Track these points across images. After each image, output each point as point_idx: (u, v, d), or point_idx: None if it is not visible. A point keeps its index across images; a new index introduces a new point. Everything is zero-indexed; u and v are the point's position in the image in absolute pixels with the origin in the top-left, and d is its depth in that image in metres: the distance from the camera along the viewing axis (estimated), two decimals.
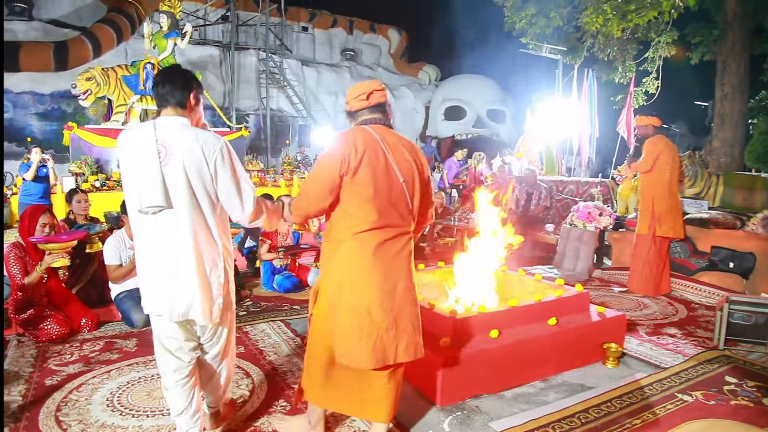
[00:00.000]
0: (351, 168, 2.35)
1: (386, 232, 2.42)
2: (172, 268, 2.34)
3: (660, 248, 5.64)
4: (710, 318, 4.84)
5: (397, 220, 2.45)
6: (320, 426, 2.71)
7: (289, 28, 21.08)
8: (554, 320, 3.66)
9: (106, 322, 4.55)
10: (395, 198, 2.43)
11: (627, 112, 9.73)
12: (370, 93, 2.54)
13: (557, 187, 8.80)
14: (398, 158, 2.45)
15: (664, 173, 5.55)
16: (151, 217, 2.30)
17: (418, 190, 2.51)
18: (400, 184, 2.43)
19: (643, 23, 9.26)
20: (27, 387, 3.29)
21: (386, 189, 2.40)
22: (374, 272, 2.41)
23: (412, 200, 2.49)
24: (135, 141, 2.31)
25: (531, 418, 2.95)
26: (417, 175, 2.51)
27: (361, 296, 2.41)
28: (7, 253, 4.09)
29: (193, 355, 2.49)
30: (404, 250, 2.50)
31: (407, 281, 2.50)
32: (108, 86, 11.73)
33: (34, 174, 7.70)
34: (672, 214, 5.61)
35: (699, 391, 3.33)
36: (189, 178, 2.30)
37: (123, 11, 14.35)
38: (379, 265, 2.41)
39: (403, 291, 2.48)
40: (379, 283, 2.41)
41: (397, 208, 2.44)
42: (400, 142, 2.52)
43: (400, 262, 2.47)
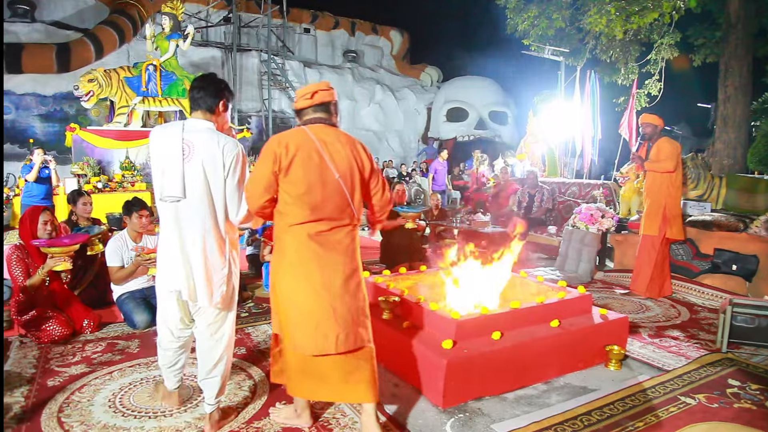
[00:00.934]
0: (283, 167, 2.50)
1: (321, 224, 2.56)
2: (183, 252, 2.63)
3: (665, 250, 5.64)
4: (713, 321, 4.83)
5: (335, 213, 2.58)
6: (306, 414, 2.85)
7: (291, 30, 21.14)
8: (557, 322, 3.65)
9: (108, 323, 4.55)
10: (331, 193, 2.56)
11: (629, 113, 9.70)
12: (315, 92, 2.67)
13: (559, 188, 8.79)
14: (334, 156, 2.58)
15: (679, 175, 5.53)
16: (171, 205, 2.61)
17: (358, 184, 2.65)
18: (335, 180, 2.56)
19: (645, 25, 9.26)
20: (29, 388, 3.29)
21: (320, 185, 2.53)
22: (309, 263, 2.55)
23: (351, 194, 2.61)
24: (165, 137, 2.63)
25: (533, 420, 2.95)
26: (356, 171, 2.64)
27: (298, 287, 2.57)
28: (9, 255, 4.10)
29: (185, 333, 2.84)
30: (343, 242, 2.62)
31: (347, 272, 2.61)
32: (110, 88, 11.75)
33: (36, 175, 7.72)
34: (680, 216, 5.62)
35: (702, 394, 3.32)
36: (206, 176, 2.60)
37: (125, 13, 14.42)
38: (314, 257, 2.55)
39: (342, 282, 2.59)
40: (314, 273, 2.55)
41: (334, 203, 2.57)
42: (338, 140, 2.63)
43: (338, 253, 2.60)
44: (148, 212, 4.76)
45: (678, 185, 5.54)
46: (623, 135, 9.77)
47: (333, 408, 3.05)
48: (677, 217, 5.56)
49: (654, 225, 5.61)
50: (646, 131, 5.70)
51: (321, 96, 2.67)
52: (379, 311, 3.82)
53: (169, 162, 2.58)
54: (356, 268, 2.67)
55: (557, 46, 11.78)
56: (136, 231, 4.70)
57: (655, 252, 5.60)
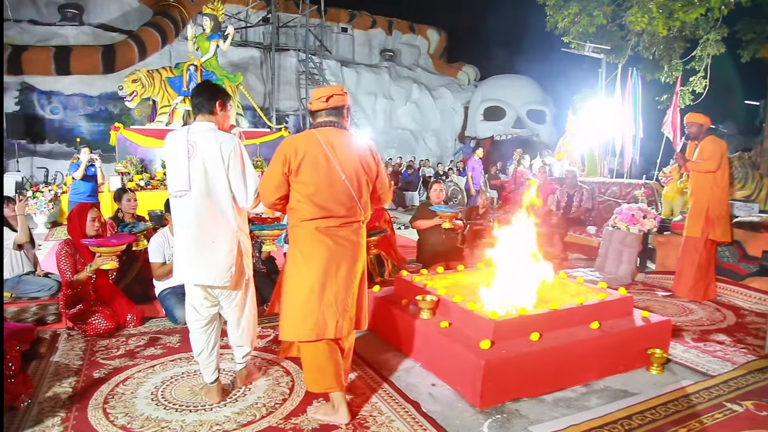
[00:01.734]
0: (292, 169, 2.75)
1: (329, 221, 2.79)
2: (194, 242, 2.93)
3: (710, 252, 5.48)
4: (761, 325, 4.67)
5: (341, 211, 2.80)
6: (343, 408, 2.90)
7: (329, 29, 21.26)
8: (597, 324, 3.58)
9: (150, 318, 4.67)
10: (337, 193, 2.78)
11: (673, 112, 9.44)
12: (330, 96, 2.89)
13: (599, 188, 8.63)
14: (341, 158, 2.79)
15: (725, 175, 5.37)
16: (181, 199, 2.93)
17: (365, 184, 2.87)
18: (342, 181, 2.78)
19: (690, 21, 8.98)
20: (77, 379, 3.40)
21: (327, 185, 2.76)
22: (317, 255, 2.79)
23: (358, 194, 2.84)
24: (174, 140, 2.99)
25: (572, 423, 2.90)
26: (363, 172, 2.86)
27: (306, 276, 2.79)
28: (58, 251, 4.25)
29: (210, 311, 3.10)
30: (350, 238, 2.85)
31: (351, 264, 2.85)
32: (153, 88, 12.01)
33: (83, 173, 7.97)
34: (725, 218, 5.45)
35: (749, 401, 3.21)
36: (207, 171, 2.91)
37: (167, 15, 14.72)
38: (322, 249, 2.79)
39: (346, 273, 2.83)
40: (321, 264, 2.78)
41: (340, 201, 2.80)
42: (346, 143, 2.84)
43: (344, 247, 2.82)
44: None
45: (723, 185, 5.38)
46: (666, 134, 9.52)
47: (369, 406, 3.07)
48: (721, 218, 5.40)
49: (697, 226, 5.47)
50: (692, 131, 5.55)
51: (335, 100, 2.89)
52: (418, 310, 3.82)
53: (177, 161, 2.92)
54: (361, 262, 2.92)
55: (598, 43, 11.52)
56: None
57: (698, 254, 5.46)
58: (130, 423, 2.86)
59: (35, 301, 5.07)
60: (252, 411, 3.00)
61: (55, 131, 14.98)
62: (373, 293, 4.47)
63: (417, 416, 2.95)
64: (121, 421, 2.88)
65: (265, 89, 18.58)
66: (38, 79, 14.27)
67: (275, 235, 5.17)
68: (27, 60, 12.68)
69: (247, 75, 17.24)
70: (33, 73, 13.47)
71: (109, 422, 2.86)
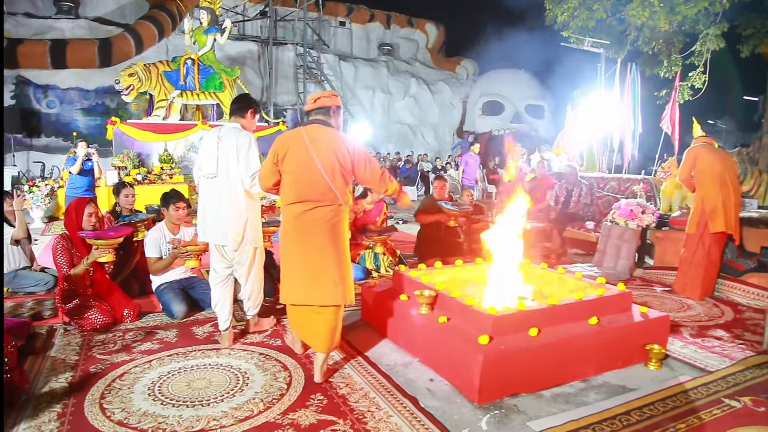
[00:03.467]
0: (279, 159, 3.28)
1: (306, 204, 3.24)
2: (215, 212, 3.79)
3: (709, 250, 5.42)
4: (759, 321, 4.67)
5: (316, 196, 3.23)
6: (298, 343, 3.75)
7: (327, 23, 21.18)
8: (595, 319, 3.58)
9: (147, 312, 4.64)
10: (314, 180, 3.21)
11: (671, 107, 9.43)
12: (318, 98, 3.41)
13: (598, 184, 8.62)
14: (319, 151, 3.21)
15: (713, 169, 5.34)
16: (210, 180, 3.80)
17: (339, 173, 3.25)
18: (318, 170, 3.20)
19: (692, 15, 8.95)
20: (73, 374, 3.38)
21: (305, 173, 3.22)
22: (296, 233, 3.28)
23: (332, 181, 3.22)
24: (210, 134, 3.88)
25: (571, 418, 2.89)
26: (338, 164, 3.24)
27: (288, 250, 3.33)
28: (54, 245, 4.22)
29: (225, 271, 3.94)
30: (324, 218, 3.24)
31: (325, 242, 3.24)
32: (149, 82, 11.96)
33: (80, 167, 7.92)
34: (720, 208, 5.31)
35: (747, 397, 3.21)
36: (228, 159, 3.75)
37: (164, 8, 14.66)
38: (300, 228, 3.26)
39: (321, 249, 3.24)
40: (299, 241, 3.27)
41: (317, 188, 3.22)
42: (325, 138, 3.27)
43: (318, 227, 3.24)
44: (185, 204, 4.83)
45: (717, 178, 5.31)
46: (665, 129, 9.51)
47: (368, 401, 3.06)
48: (716, 209, 5.31)
49: (692, 222, 5.49)
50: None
51: (322, 101, 3.38)
52: (416, 305, 3.81)
53: (209, 150, 3.80)
54: (339, 239, 3.30)
55: (597, 38, 11.50)
56: (174, 222, 4.78)
57: (692, 250, 5.44)
58: (126, 418, 2.84)
59: (31, 296, 5.04)
60: (249, 406, 2.98)
61: (51, 125, 14.92)
62: (371, 288, 4.46)
63: (415, 411, 2.94)
64: (117, 417, 2.86)
65: (263, 83, 18.52)
66: (34, 72, 14.20)
67: (269, 232, 5.19)
68: (22, 54, 12.62)
69: (245, 69, 17.17)
70: (29, 67, 13.40)
71: (105, 417, 2.85)
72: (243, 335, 4.13)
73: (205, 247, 4.51)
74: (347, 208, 3.36)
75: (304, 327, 3.41)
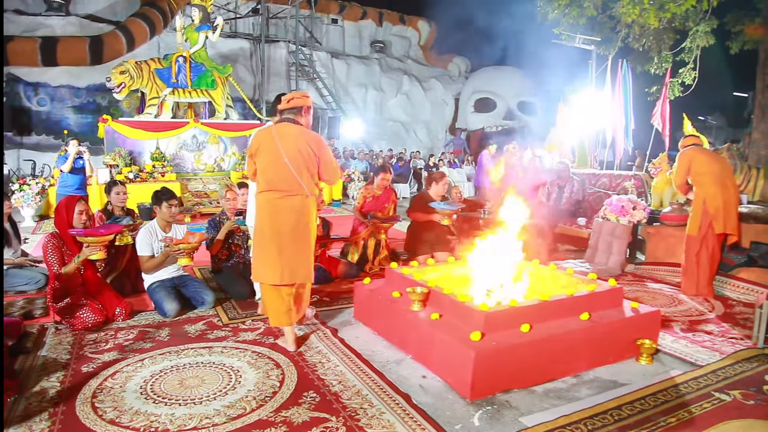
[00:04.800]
0: (253, 153, 3.76)
1: (274, 193, 3.65)
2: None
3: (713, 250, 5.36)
4: (749, 315, 4.71)
5: (284, 186, 3.64)
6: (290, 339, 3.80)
7: (319, 21, 21.14)
8: (587, 315, 3.59)
9: (139, 311, 4.63)
10: (281, 172, 3.63)
11: (662, 103, 9.46)
12: (291, 99, 3.80)
13: (589, 180, 8.65)
14: (287, 146, 3.63)
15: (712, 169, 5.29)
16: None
17: (304, 166, 3.67)
18: (285, 163, 3.61)
19: (681, 12, 8.98)
20: (65, 373, 3.37)
21: (273, 166, 3.65)
22: (267, 218, 3.68)
23: (298, 173, 3.64)
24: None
25: (562, 414, 2.91)
26: (302, 158, 3.66)
27: (260, 234, 3.73)
28: (45, 243, 4.19)
29: None
30: (294, 206, 3.66)
31: (293, 226, 3.66)
32: (141, 79, 11.89)
33: (71, 166, 7.89)
34: (721, 209, 5.27)
35: (737, 390, 3.24)
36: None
37: (156, 5, 14.54)
38: (270, 213, 3.67)
39: (289, 233, 3.65)
40: (270, 225, 3.66)
41: (283, 178, 3.64)
42: (292, 134, 3.68)
43: (287, 213, 3.65)
44: (177, 202, 4.82)
45: (717, 178, 5.26)
46: (655, 125, 9.55)
47: (360, 398, 3.06)
48: (719, 210, 5.24)
49: (694, 224, 5.39)
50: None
51: (295, 102, 3.78)
52: (408, 302, 3.82)
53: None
54: (305, 224, 3.70)
55: (588, 34, 11.52)
56: (166, 220, 4.77)
57: (695, 251, 5.35)
58: (119, 417, 2.84)
59: (22, 295, 5.01)
60: (242, 404, 2.98)
61: (42, 123, 14.81)
62: (363, 285, 4.47)
63: (407, 408, 2.95)
64: (109, 416, 2.85)
65: (255, 81, 18.46)
66: (24, 70, 14.08)
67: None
68: (12, 51, 12.48)
69: (237, 66, 17.10)
70: (18, 64, 13.26)
71: (97, 417, 2.84)
72: (236, 333, 4.13)
73: (197, 245, 4.51)
74: (314, 198, 3.78)
75: (274, 303, 3.74)
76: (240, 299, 4.96)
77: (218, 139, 12.88)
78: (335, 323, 4.37)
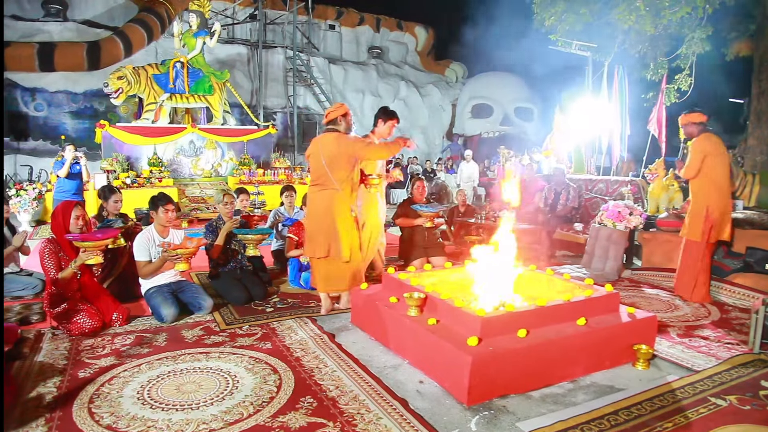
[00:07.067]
0: (307, 155, 4.83)
1: (318, 187, 4.65)
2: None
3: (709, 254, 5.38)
4: (745, 320, 4.72)
5: (320, 181, 4.63)
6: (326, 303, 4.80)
7: (317, 26, 21.17)
8: (583, 320, 3.60)
9: (136, 316, 4.63)
10: (321, 170, 4.61)
11: (658, 109, 9.51)
12: (328, 113, 4.76)
13: (586, 185, 8.68)
14: (324, 150, 4.59)
15: (716, 175, 5.21)
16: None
17: (336, 165, 4.55)
18: (322, 164, 4.57)
19: (676, 19, 9.04)
20: (61, 379, 3.36)
21: (315, 166, 4.67)
22: (311, 205, 4.72)
23: (330, 171, 4.56)
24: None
25: (559, 419, 2.92)
26: (334, 159, 4.54)
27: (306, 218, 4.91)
28: (42, 249, 4.19)
29: None
30: (327, 196, 4.57)
31: (327, 212, 4.55)
32: (138, 85, 11.92)
33: (68, 171, 7.88)
34: (725, 217, 5.28)
35: (733, 396, 3.25)
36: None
37: (153, 11, 14.57)
38: (314, 201, 4.68)
39: (322, 217, 4.57)
40: (313, 211, 4.69)
41: (321, 176, 4.62)
42: (329, 141, 4.61)
43: (324, 202, 4.58)
44: (174, 207, 4.82)
45: (720, 185, 5.21)
46: (652, 131, 9.59)
47: (357, 403, 3.06)
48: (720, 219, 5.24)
49: (696, 229, 5.30)
50: (688, 131, 5.40)
51: (330, 115, 4.72)
52: (405, 307, 3.82)
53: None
54: (333, 211, 4.53)
55: (584, 41, 11.57)
56: (163, 225, 4.77)
57: (698, 258, 5.32)
58: (115, 422, 2.83)
59: (19, 300, 5.01)
60: (239, 409, 2.98)
61: (39, 128, 14.80)
62: (360, 290, 4.47)
63: (405, 413, 2.95)
64: (106, 421, 2.85)
65: (252, 86, 18.48)
66: (21, 75, 14.08)
67: (258, 239, 5.22)
68: (10, 56, 12.49)
69: (234, 72, 17.12)
70: (16, 70, 13.27)
71: (94, 422, 2.84)
72: (233, 338, 4.12)
73: (195, 251, 4.51)
74: (344, 192, 4.57)
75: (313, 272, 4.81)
76: (237, 304, 4.97)
77: (215, 144, 12.90)
78: (332, 328, 4.37)
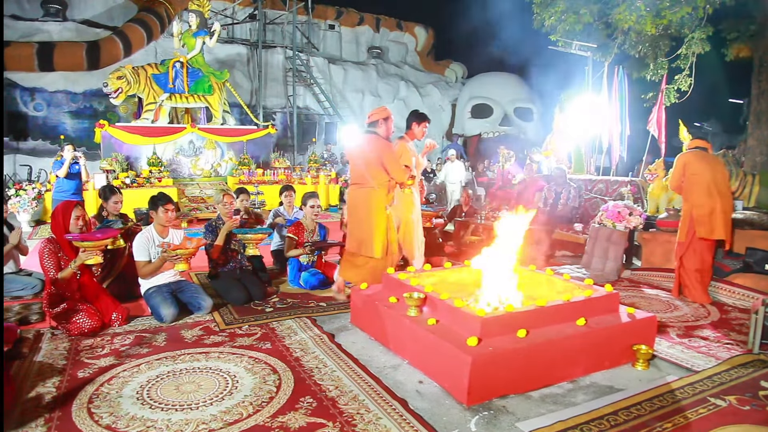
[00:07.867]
0: (347, 155, 5.38)
1: (357, 185, 5.00)
2: None
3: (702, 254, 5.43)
4: (744, 321, 4.73)
5: (358, 180, 4.98)
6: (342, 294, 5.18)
7: (316, 26, 21.15)
8: (583, 321, 3.60)
9: (135, 316, 4.62)
10: (359, 169, 4.94)
11: (658, 109, 9.52)
12: (370, 115, 5.06)
13: (586, 186, 8.68)
14: (362, 151, 4.94)
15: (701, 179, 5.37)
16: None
17: (372, 166, 4.84)
18: (360, 164, 4.91)
19: (676, 20, 9.04)
20: (61, 379, 3.36)
21: (354, 165, 5.05)
22: (349, 202, 5.16)
23: (367, 171, 4.86)
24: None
25: (559, 419, 2.92)
26: (369, 160, 4.86)
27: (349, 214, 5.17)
28: (41, 249, 4.18)
29: None
30: (365, 194, 4.89)
31: (364, 209, 4.88)
32: (138, 85, 11.91)
33: (67, 171, 7.87)
34: (709, 215, 5.35)
35: (732, 396, 3.25)
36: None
37: (153, 11, 14.56)
38: (353, 198, 5.06)
39: (365, 213, 4.85)
40: (353, 208, 5.03)
41: (359, 175, 4.97)
42: (366, 143, 4.94)
43: (362, 199, 4.91)
44: (173, 206, 4.82)
45: (705, 186, 5.35)
46: (651, 131, 9.60)
47: (357, 403, 3.06)
48: (704, 217, 5.33)
49: (682, 231, 5.54)
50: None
51: (372, 117, 5.02)
52: (405, 307, 3.82)
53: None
54: (368, 208, 4.85)
55: (584, 41, 11.57)
56: (162, 225, 4.76)
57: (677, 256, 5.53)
58: (115, 423, 2.83)
59: (18, 300, 5.00)
60: (239, 409, 2.98)
61: (38, 128, 14.77)
62: (360, 290, 4.47)
63: (404, 413, 2.95)
64: (106, 421, 2.85)
65: (252, 86, 18.47)
66: (21, 75, 14.05)
67: (257, 239, 5.23)
68: (9, 56, 12.47)
69: (234, 72, 17.10)
70: (15, 69, 13.25)
71: (93, 422, 2.84)
72: (232, 338, 4.12)
73: (195, 251, 4.51)
74: (381, 189, 4.84)
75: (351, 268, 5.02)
76: (237, 304, 4.96)
77: (215, 144, 12.89)
78: (332, 328, 4.37)
